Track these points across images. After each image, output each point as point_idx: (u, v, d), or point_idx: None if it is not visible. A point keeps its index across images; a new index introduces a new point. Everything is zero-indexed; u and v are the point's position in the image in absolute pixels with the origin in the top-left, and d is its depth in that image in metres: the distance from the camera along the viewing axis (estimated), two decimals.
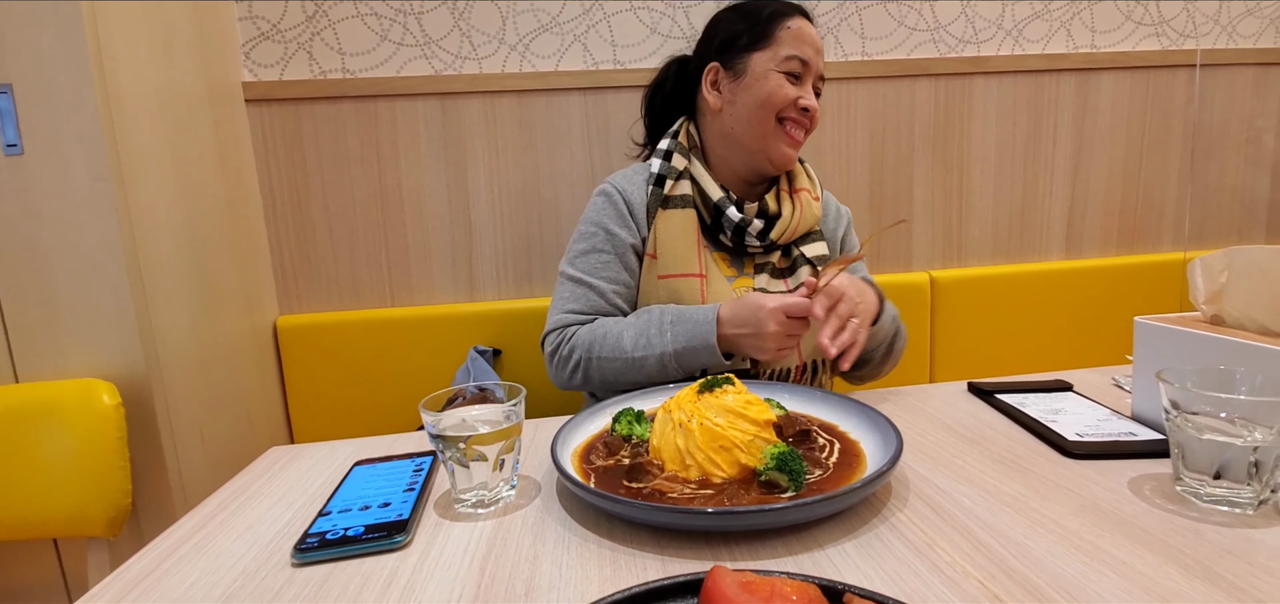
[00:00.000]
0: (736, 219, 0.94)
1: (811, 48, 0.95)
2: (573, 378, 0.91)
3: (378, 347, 1.28)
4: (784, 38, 0.94)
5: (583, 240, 0.97)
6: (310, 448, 0.75)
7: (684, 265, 0.94)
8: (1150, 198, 1.53)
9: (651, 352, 0.84)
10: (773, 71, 0.94)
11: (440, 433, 0.56)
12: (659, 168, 0.98)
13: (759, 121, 0.95)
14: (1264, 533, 0.46)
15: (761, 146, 0.96)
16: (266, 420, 1.23)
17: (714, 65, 0.99)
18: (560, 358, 0.92)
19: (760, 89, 0.94)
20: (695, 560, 0.47)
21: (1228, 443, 0.49)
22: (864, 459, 0.59)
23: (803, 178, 1.02)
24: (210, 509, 0.61)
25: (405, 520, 0.54)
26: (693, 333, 0.83)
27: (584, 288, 0.95)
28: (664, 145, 1.00)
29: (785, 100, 0.93)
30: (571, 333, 0.91)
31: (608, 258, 0.96)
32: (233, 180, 1.19)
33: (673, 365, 0.84)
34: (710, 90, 0.99)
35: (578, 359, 0.89)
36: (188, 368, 1.01)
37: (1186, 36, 1.49)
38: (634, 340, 0.86)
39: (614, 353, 0.87)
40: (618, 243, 0.96)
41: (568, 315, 0.94)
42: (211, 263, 1.10)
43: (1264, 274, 0.58)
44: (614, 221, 0.96)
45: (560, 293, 0.96)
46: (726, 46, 0.98)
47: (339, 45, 1.26)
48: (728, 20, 1.00)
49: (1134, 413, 0.68)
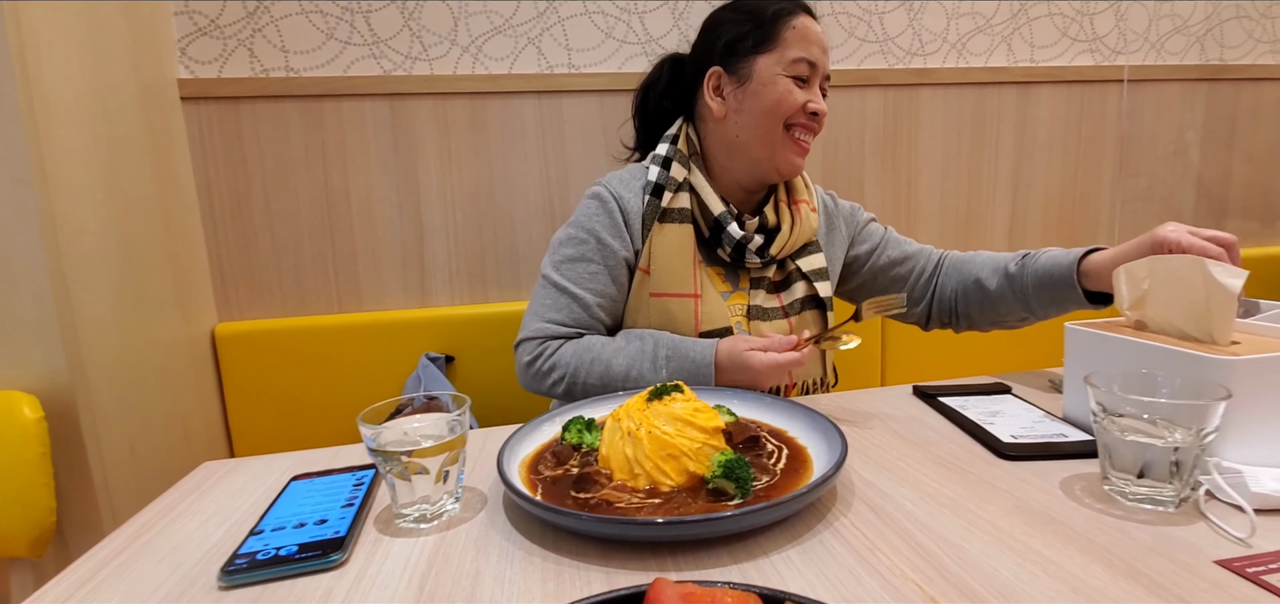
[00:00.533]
0: (738, 236, 0.91)
1: (818, 47, 0.90)
2: (551, 390, 0.88)
3: (324, 354, 1.24)
4: (790, 38, 0.89)
5: (572, 244, 0.91)
6: (246, 462, 0.72)
7: (679, 284, 0.90)
8: (1086, 206, 1.61)
9: (643, 384, 0.81)
10: (780, 76, 0.89)
11: (380, 447, 0.54)
12: (657, 177, 0.92)
13: (766, 130, 0.90)
14: (1184, 530, 0.49)
15: (768, 156, 0.91)
16: (204, 433, 1.18)
17: (716, 70, 0.93)
18: (538, 371, 0.88)
19: (768, 95, 0.89)
20: (640, 572, 0.47)
21: (1150, 444, 0.51)
22: (811, 464, 0.60)
23: (802, 189, 0.98)
24: (134, 529, 0.58)
25: (342, 538, 0.52)
26: (691, 375, 0.82)
27: (568, 297, 0.90)
28: (662, 151, 0.94)
29: (794, 106, 0.89)
30: (555, 347, 0.88)
31: (596, 268, 0.91)
32: (167, 182, 1.13)
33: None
34: (712, 97, 0.93)
35: (561, 376, 0.86)
36: (117, 379, 0.96)
37: (1118, 53, 1.56)
38: (625, 370, 0.84)
39: (602, 379, 0.84)
40: (608, 254, 0.91)
41: (550, 325, 0.89)
42: (143, 268, 1.05)
43: (1181, 282, 0.61)
44: (607, 230, 0.91)
45: (541, 297, 0.91)
46: (730, 50, 0.92)
47: (282, 42, 1.22)
48: (729, 21, 0.93)
49: (1065, 415, 0.71)
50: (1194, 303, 0.60)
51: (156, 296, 1.08)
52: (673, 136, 0.95)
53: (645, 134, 1.05)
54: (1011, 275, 0.92)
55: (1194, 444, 0.50)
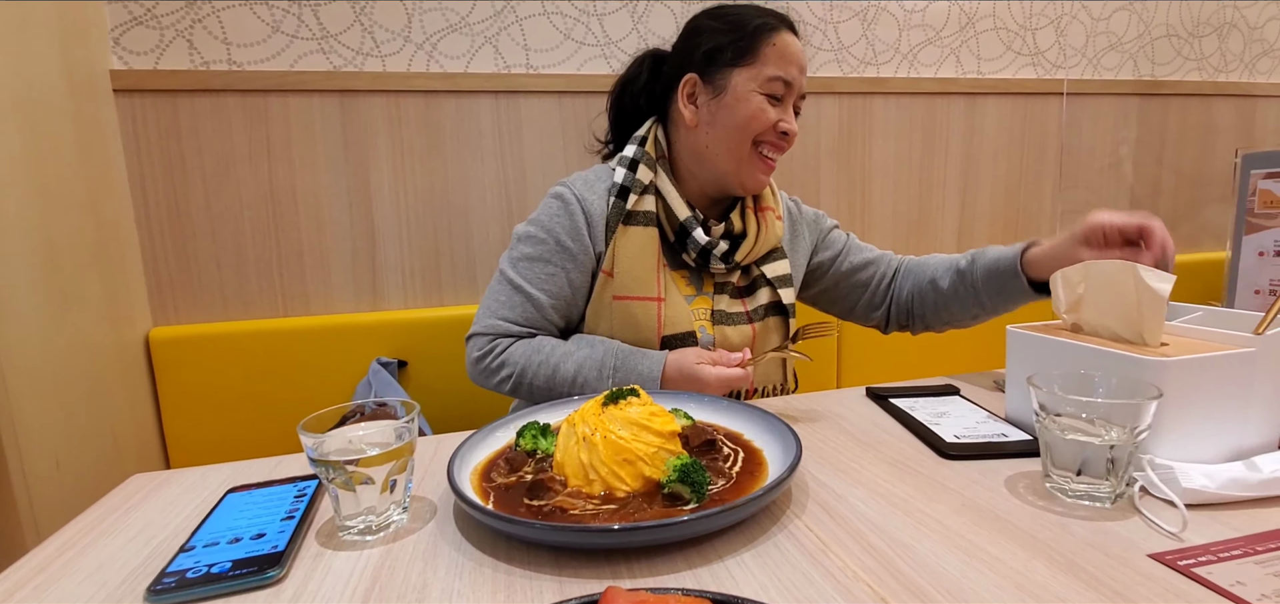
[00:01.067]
0: (703, 242, 0.90)
1: (796, 66, 0.89)
2: (500, 388, 0.89)
3: (268, 360, 1.19)
4: (769, 55, 0.88)
5: (530, 243, 0.90)
6: (179, 474, 0.68)
7: (642, 288, 0.89)
8: (1029, 212, 1.67)
9: (589, 391, 0.83)
10: (754, 92, 0.88)
11: (322, 457, 0.51)
12: (623, 179, 0.91)
13: (735, 144, 0.89)
14: (1119, 524, 0.50)
15: (734, 170, 0.91)
16: (136, 445, 1.12)
17: (692, 77, 0.91)
18: (487, 367, 0.89)
19: (740, 110, 0.88)
20: (594, 580, 0.46)
21: (1088, 442, 0.53)
22: (766, 467, 0.60)
23: (769, 197, 0.99)
24: (54, 548, 0.54)
25: (280, 553, 0.49)
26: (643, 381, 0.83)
27: (522, 297, 0.90)
28: (630, 152, 0.93)
29: (765, 124, 0.88)
30: (505, 345, 0.88)
31: (553, 270, 0.90)
32: (97, 178, 1.07)
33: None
34: (686, 103, 0.92)
35: (509, 375, 0.87)
36: (40, 387, 0.90)
37: (1058, 68, 1.63)
38: (573, 375, 0.85)
39: (549, 383, 0.85)
40: (566, 256, 0.90)
41: (502, 323, 0.89)
42: (70, 269, 0.99)
43: (1114, 286, 0.64)
44: (567, 233, 0.90)
45: (496, 293, 0.91)
46: (708, 59, 0.90)
47: (224, 34, 1.16)
48: (710, 29, 0.91)
49: (1007, 415, 0.73)
50: (1126, 306, 0.63)
51: (84, 299, 1.02)
52: (641, 138, 0.94)
53: (619, 130, 1.03)
54: (962, 272, 0.95)
55: (1128, 442, 0.52)
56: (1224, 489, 0.52)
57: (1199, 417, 0.56)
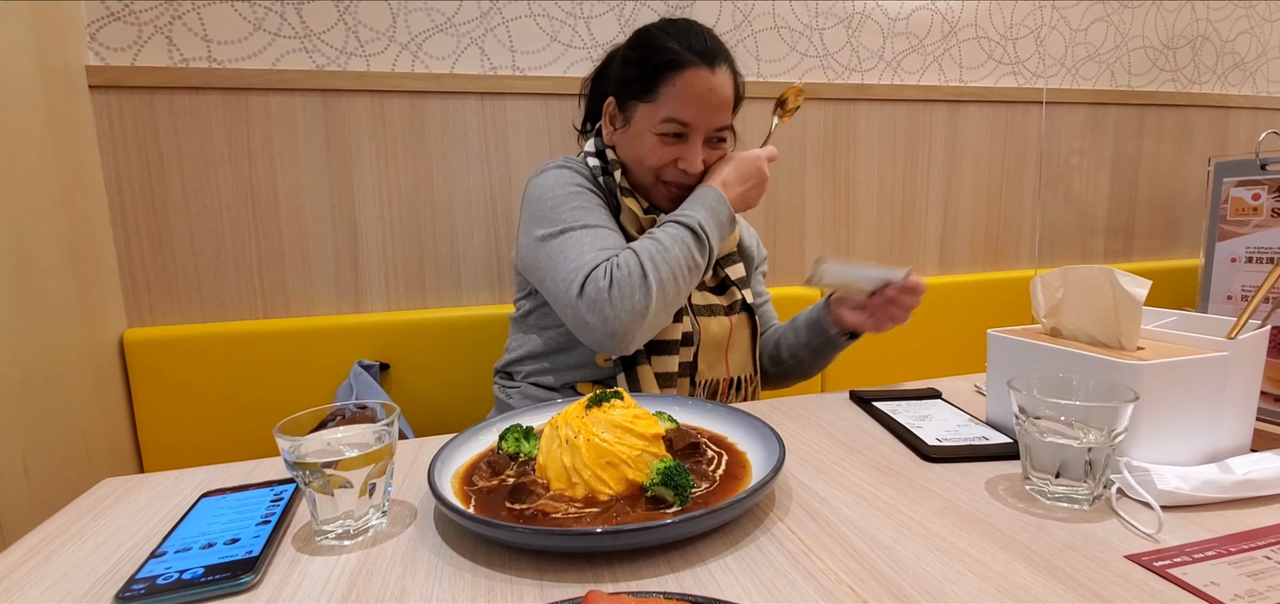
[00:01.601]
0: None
1: (699, 106, 0.86)
2: (645, 292, 0.79)
3: (247, 362, 1.17)
4: (666, 95, 0.86)
5: (572, 199, 0.87)
6: (151, 478, 0.67)
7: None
8: (1010, 219, 1.69)
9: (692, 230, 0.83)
10: (648, 132, 0.88)
11: (299, 460, 0.51)
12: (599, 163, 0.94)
13: (640, 173, 0.92)
14: (1097, 526, 0.51)
15: (645, 193, 0.94)
16: (109, 448, 1.09)
17: (611, 100, 0.94)
18: (620, 280, 0.78)
19: (637, 146, 0.90)
20: (576, 584, 0.46)
21: (1066, 444, 0.53)
22: (750, 470, 0.60)
23: None
24: (19, 555, 0.53)
25: (254, 558, 0.48)
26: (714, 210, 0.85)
27: (605, 230, 0.85)
28: (592, 146, 0.96)
29: (660, 163, 0.90)
30: (624, 255, 0.81)
31: (605, 211, 0.89)
32: (70, 176, 1.05)
33: (710, 241, 0.85)
34: (607, 122, 0.95)
35: (641, 267, 0.79)
36: (8, 388, 0.88)
37: (1038, 77, 1.66)
38: (674, 238, 0.82)
39: (677, 240, 0.82)
40: (595, 196, 0.90)
41: (598, 253, 0.81)
42: (41, 268, 0.96)
43: (1091, 290, 0.65)
44: (588, 182, 0.91)
45: (573, 244, 0.82)
46: (620, 86, 0.93)
47: (204, 31, 1.15)
48: (624, 58, 0.93)
49: (988, 418, 0.74)
50: (1103, 310, 0.63)
51: (56, 298, 0.99)
52: (597, 132, 0.98)
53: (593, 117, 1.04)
54: (794, 318, 1.05)
55: (1105, 444, 0.52)
56: (1198, 491, 0.52)
57: (1174, 419, 0.57)
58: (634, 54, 0.91)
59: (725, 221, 0.86)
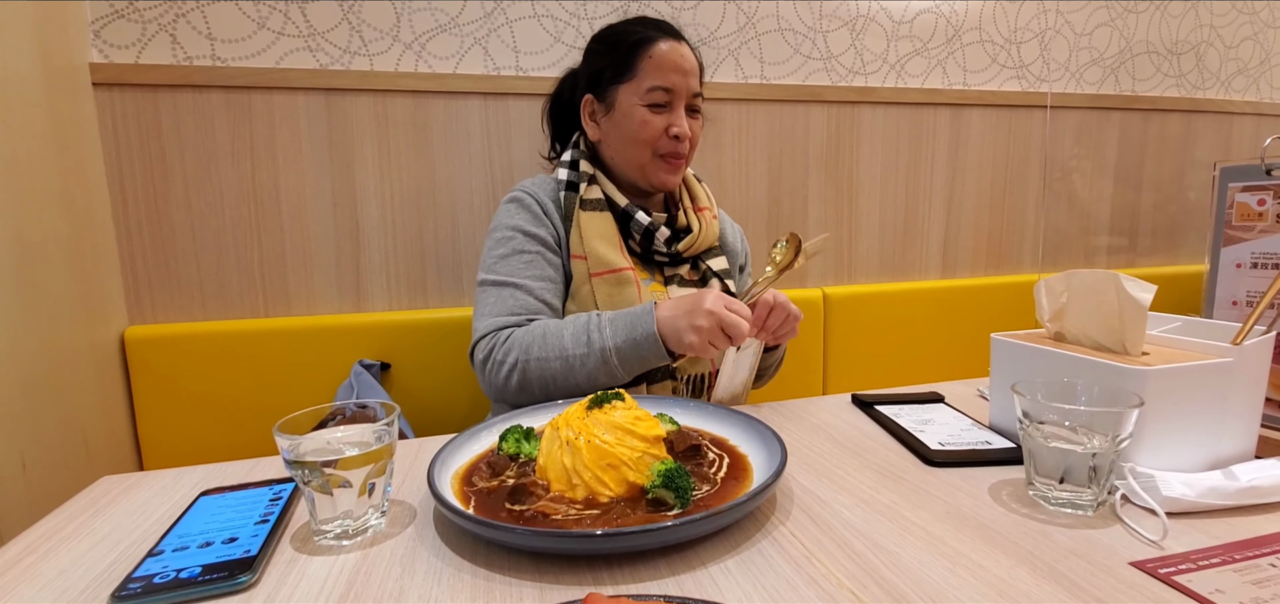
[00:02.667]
0: (645, 222, 0.95)
1: (677, 72, 0.93)
2: (508, 383, 0.84)
3: (248, 361, 1.17)
4: (646, 68, 0.93)
5: (500, 246, 0.93)
6: (150, 476, 0.67)
7: (614, 262, 0.93)
8: (1013, 223, 1.69)
9: (592, 347, 0.81)
10: (637, 106, 0.94)
11: (298, 459, 0.50)
12: (567, 176, 0.98)
13: (633, 154, 0.96)
14: (1101, 532, 0.51)
15: (641, 175, 0.98)
16: (108, 446, 1.09)
17: (588, 98, 0.99)
18: (494, 362, 0.85)
19: (628, 125, 0.95)
20: (576, 586, 0.45)
21: (1071, 450, 0.53)
22: (751, 472, 0.59)
23: (702, 197, 1.06)
24: (16, 551, 0.53)
25: (252, 557, 0.48)
26: (633, 326, 0.80)
27: (510, 289, 0.90)
28: (568, 156, 1.00)
29: (654, 134, 0.94)
30: (506, 335, 0.86)
31: (531, 256, 0.92)
32: (72, 173, 1.05)
33: (614, 361, 0.81)
34: (588, 122, 1.00)
35: (514, 360, 0.83)
36: (7, 384, 0.87)
37: (1042, 81, 1.65)
38: (573, 337, 0.82)
39: (555, 352, 0.82)
40: (538, 240, 0.94)
41: (500, 319, 0.88)
42: (42, 265, 0.96)
43: (1095, 295, 0.64)
44: (529, 222, 0.94)
45: (484, 302, 0.91)
46: (595, 80, 0.98)
47: (208, 30, 1.15)
48: (595, 52, 1.00)
49: (991, 423, 0.73)
50: (1108, 314, 0.63)
51: (57, 296, 0.99)
52: (575, 143, 1.02)
53: (558, 142, 1.12)
54: None
55: (1110, 450, 0.52)
56: (1203, 498, 0.52)
57: (1179, 425, 0.57)
58: (603, 46, 0.98)
59: (641, 340, 0.80)
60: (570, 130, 1.07)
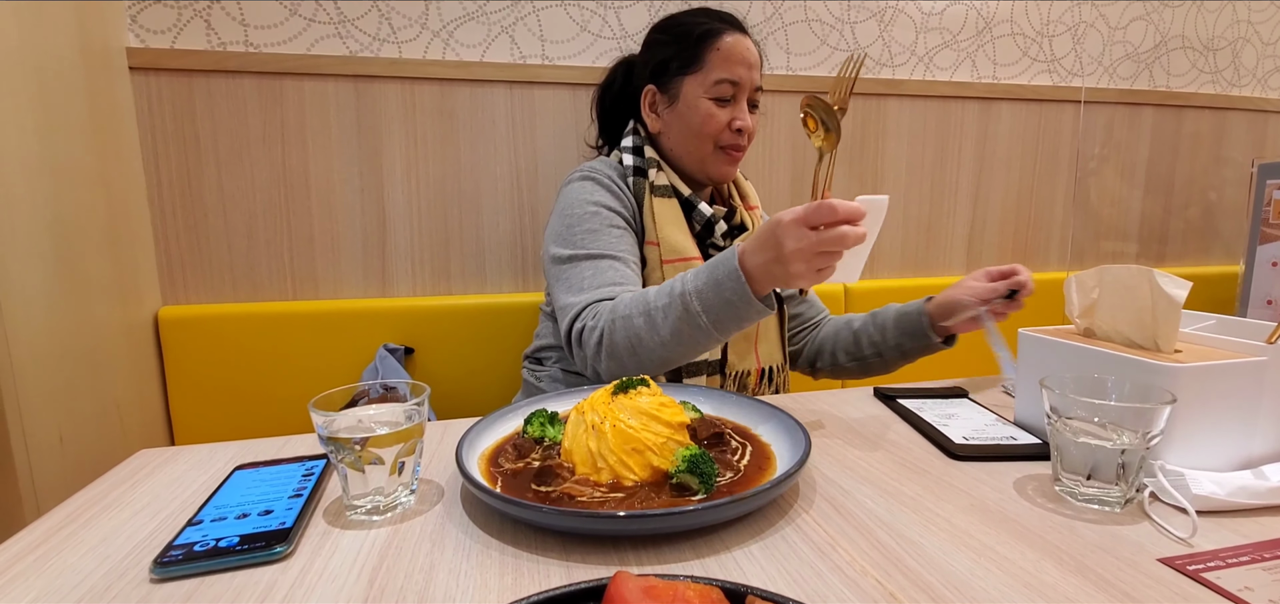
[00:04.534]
0: (708, 214, 0.96)
1: (743, 65, 0.93)
2: (599, 350, 0.79)
3: (276, 343, 1.19)
4: (713, 60, 0.93)
5: (587, 220, 0.89)
6: (186, 451, 0.69)
7: (686, 250, 0.92)
8: (1040, 219, 1.66)
9: (674, 295, 0.74)
10: (703, 98, 0.94)
11: (332, 435, 0.52)
12: (634, 162, 0.97)
13: (695, 146, 0.96)
14: (1129, 529, 0.50)
15: (700, 167, 0.98)
16: (141, 423, 1.12)
17: (650, 88, 0.99)
18: (587, 330, 0.80)
19: (693, 117, 0.94)
20: (601, 566, 0.46)
21: (1099, 446, 0.52)
22: (774, 462, 0.60)
23: (752, 195, 1.07)
24: (58, 520, 0.54)
25: (288, 529, 0.49)
26: (716, 266, 0.73)
27: (609, 260, 0.86)
28: (629, 143, 0.99)
29: (718, 127, 0.94)
30: (598, 306, 0.82)
31: (620, 232, 0.91)
32: (109, 155, 1.07)
33: (696, 306, 0.73)
34: (649, 112, 1.00)
35: (602, 326, 0.78)
36: (46, 362, 0.90)
37: (1074, 75, 1.62)
38: (657, 291, 0.77)
39: (639, 308, 0.76)
40: (617, 215, 0.91)
41: (599, 290, 0.83)
42: (80, 245, 0.99)
43: (1128, 291, 0.63)
44: (610, 198, 0.92)
45: (575, 277, 0.85)
46: (660, 71, 0.98)
47: (242, 16, 1.17)
48: (659, 42, 0.99)
49: (1016, 419, 0.73)
50: (1140, 311, 0.62)
51: (94, 275, 1.02)
52: (634, 129, 1.01)
53: (606, 131, 1.13)
54: (874, 315, 1.05)
55: (1140, 446, 0.51)
56: (1233, 497, 0.51)
57: (1210, 424, 0.56)
58: (668, 36, 0.97)
59: (723, 279, 0.72)
60: (620, 119, 1.07)
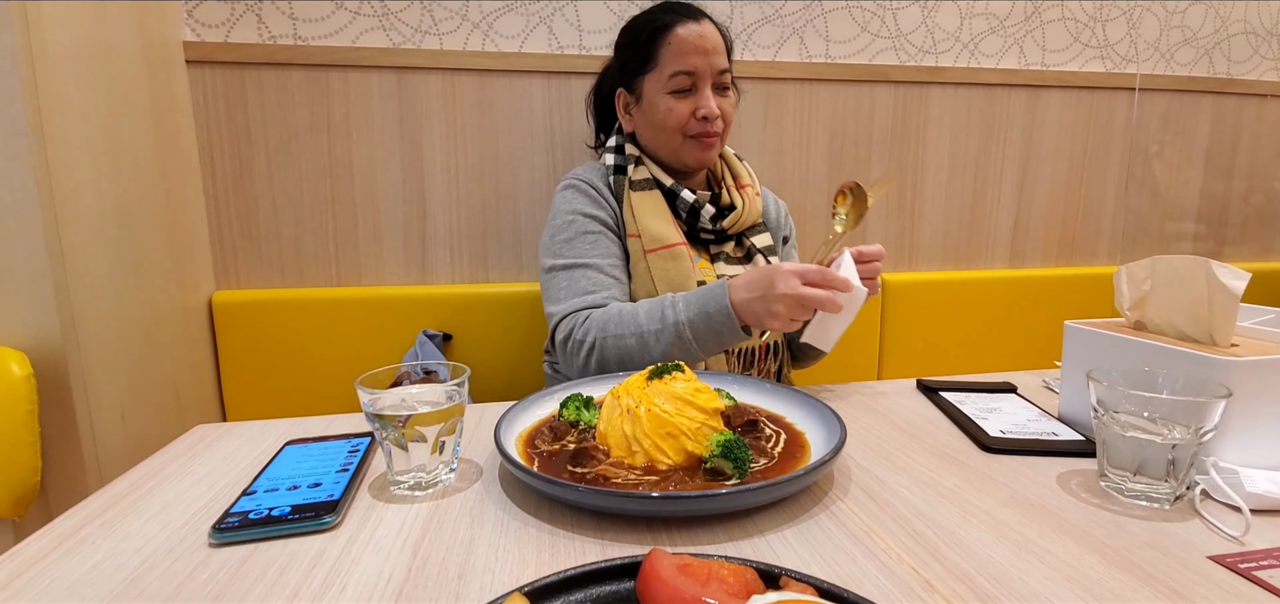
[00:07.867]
0: (691, 200, 0.97)
1: (697, 54, 0.93)
2: (588, 363, 0.86)
3: (321, 327, 1.23)
4: (666, 55, 0.94)
5: (563, 231, 0.95)
6: (239, 426, 0.72)
7: (668, 238, 0.94)
8: (1089, 212, 1.60)
9: (666, 322, 0.81)
10: (662, 95, 0.95)
11: (378, 412, 0.53)
12: (614, 160, 1.01)
13: (665, 140, 0.98)
14: (1178, 526, 0.49)
15: (676, 158, 0.99)
16: (196, 400, 1.17)
17: (620, 91, 1.02)
18: (574, 342, 0.87)
19: (655, 115, 0.96)
20: (635, 545, 0.47)
21: (1148, 441, 0.51)
22: (809, 450, 0.60)
23: (744, 174, 1.06)
24: (122, 487, 0.58)
25: (336, 501, 0.51)
26: (706, 299, 0.80)
27: (582, 269, 0.92)
28: (612, 142, 1.03)
29: (681, 120, 0.95)
30: (584, 317, 0.87)
31: (595, 237, 0.95)
32: (168, 145, 1.12)
33: (688, 335, 0.80)
34: (623, 114, 1.03)
35: (593, 340, 0.85)
36: (109, 341, 0.96)
37: (1128, 61, 1.56)
38: (648, 314, 0.83)
39: (630, 329, 0.83)
40: (598, 221, 0.96)
41: (577, 300, 0.90)
42: (141, 231, 1.04)
43: (1182, 283, 0.61)
44: (588, 205, 0.97)
45: (555, 286, 0.92)
46: (624, 73, 1.01)
47: (291, 10, 1.21)
48: (622, 45, 1.01)
49: (1061, 413, 0.71)
50: (1195, 303, 0.60)
51: (154, 260, 1.07)
52: (617, 128, 1.05)
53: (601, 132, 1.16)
54: None
55: (1192, 442, 0.50)
56: None
57: (1267, 420, 0.54)
58: (625, 39, 1.00)
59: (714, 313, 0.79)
60: (613, 119, 1.10)
